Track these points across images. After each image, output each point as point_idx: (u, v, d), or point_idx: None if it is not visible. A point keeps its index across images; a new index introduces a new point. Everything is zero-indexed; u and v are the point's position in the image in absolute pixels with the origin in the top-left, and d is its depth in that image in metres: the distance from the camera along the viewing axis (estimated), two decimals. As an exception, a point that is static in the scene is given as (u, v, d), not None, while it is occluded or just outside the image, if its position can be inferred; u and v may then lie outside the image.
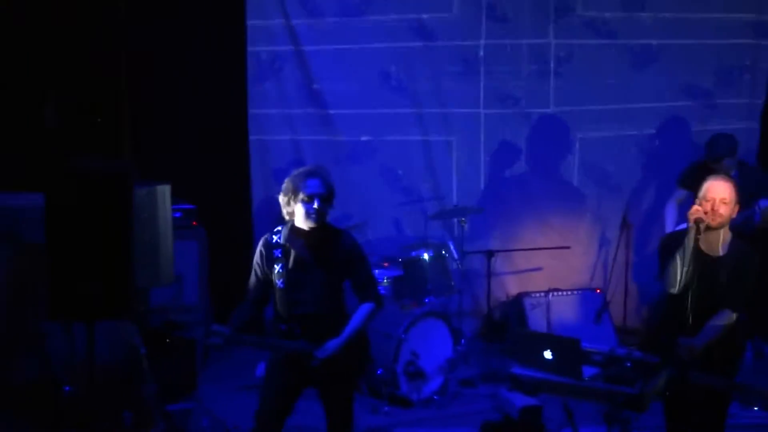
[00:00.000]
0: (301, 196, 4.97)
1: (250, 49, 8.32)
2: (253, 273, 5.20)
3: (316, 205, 4.95)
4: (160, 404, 6.22)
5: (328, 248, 5.08)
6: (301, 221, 5.02)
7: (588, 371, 4.91)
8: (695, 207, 4.99)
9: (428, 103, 8.50)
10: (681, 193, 7.50)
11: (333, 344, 4.97)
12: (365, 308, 5.12)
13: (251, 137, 8.41)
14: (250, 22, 8.29)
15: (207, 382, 7.37)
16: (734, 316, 5.01)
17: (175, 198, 6.40)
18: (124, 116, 7.81)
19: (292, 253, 5.08)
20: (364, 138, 8.49)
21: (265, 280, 5.14)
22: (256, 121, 8.44)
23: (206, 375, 7.55)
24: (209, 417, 6.60)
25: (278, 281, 5.08)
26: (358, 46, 8.38)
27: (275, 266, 5.09)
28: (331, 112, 8.45)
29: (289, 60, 8.39)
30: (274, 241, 5.14)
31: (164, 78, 8.05)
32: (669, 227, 7.43)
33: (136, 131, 7.93)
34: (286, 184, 5.05)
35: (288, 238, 5.10)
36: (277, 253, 5.09)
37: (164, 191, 5.97)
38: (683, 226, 5.35)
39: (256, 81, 8.38)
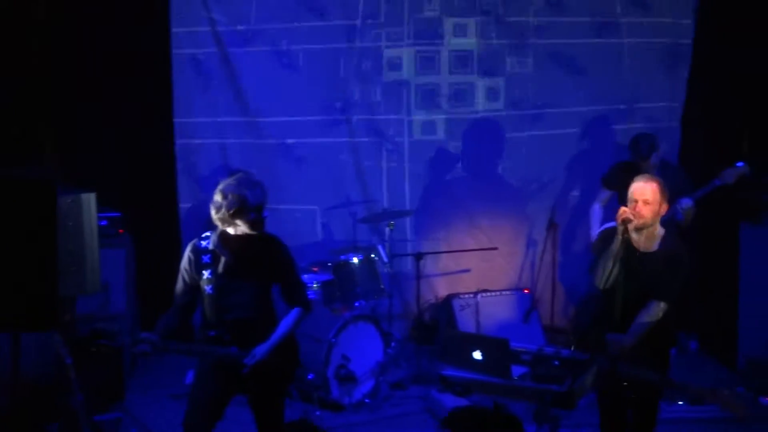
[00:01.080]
0: (248, 205, 4.93)
1: (175, 51, 8.23)
2: (180, 279, 5.15)
3: (260, 217, 4.94)
4: (88, 415, 6.12)
5: (257, 254, 5.06)
6: (245, 229, 4.98)
7: (517, 371, 4.98)
8: (623, 208, 5.08)
9: (356, 106, 8.50)
10: (605, 194, 7.62)
11: (261, 350, 4.95)
12: (294, 313, 5.11)
13: (177, 143, 8.31)
14: (174, 29, 8.19)
15: (135, 391, 7.30)
16: (663, 306, 5.09)
17: (101, 206, 6.32)
18: (48, 123, 7.66)
19: (222, 258, 5.05)
20: (290, 140, 8.45)
21: (193, 286, 5.10)
22: (182, 127, 8.35)
23: (134, 384, 7.47)
24: (138, 427, 6.53)
25: (207, 287, 5.04)
26: (285, 49, 8.34)
27: (204, 272, 5.05)
28: (258, 117, 8.39)
29: (215, 64, 8.31)
30: (202, 246, 5.10)
31: (88, 83, 7.91)
32: (594, 227, 7.54)
33: (60, 138, 7.79)
34: (230, 194, 4.98)
35: (217, 244, 5.07)
36: (206, 258, 5.06)
37: (89, 199, 5.88)
38: (611, 224, 5.44)
39: (181, 86, 8.28)
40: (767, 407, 6.85)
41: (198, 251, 5.09)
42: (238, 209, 4.91)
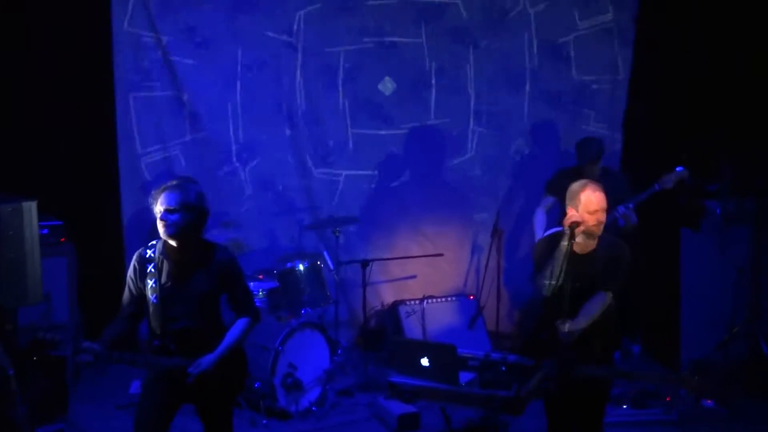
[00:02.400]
0: (158, 209, 4.91)
1: (117, 58, 8.12)
2: (126, 288, 5.09)
3: (168, 219, 4.87)
4: (31, 427, 6.02)
5: (201, 262, 5.02)
6: (161, 235, 4.95)
7: (465, 377, 4.99)
8: (571, 212, 5.12)
9: (300, 114, 8.48)
10: (549, 200, 7.70)
11: (207, 360, 4.91)
12: (241, 323, 5.07)
13: (120, 149, 8.20)
14: (115, 35, 8.09)
15: (79, 402, 7.18)
16: (609, 296, 5.16)
17: (42, 214, 6.24)
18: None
19: (165, 267, 5.00)
20: (234, 147, 8.40)
21: (139, 296, 5.04)
22: (124, 132, 8.23)
23: (78, 394, 7.36)
24: (82, 438, 6.46)
25: (151, 296, 4.99)
26: (227, 55, 8.30)
27: (148, 281, 5.00)
28: (201, 123, 8.32)
29: (159, 71, 8.22)
30: (147, 255, 5.05)
31: (27, 88, 7.79)
32: (538, 233, 7.61)
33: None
34: (153, 198, 4.98)
35: (161, 252, 5.02)
36: (150, 267, 5.01)
37: (30, 208, 5.83)
38: (554, 230, 5.50)
39: (124, 93, 8.19)
40: (710, 409, 6.95)
41: (143, 260, 5.04)
42: (154, 212, 4.90)
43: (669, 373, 5.33)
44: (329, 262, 7.90)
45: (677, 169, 7.10)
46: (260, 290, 7.52)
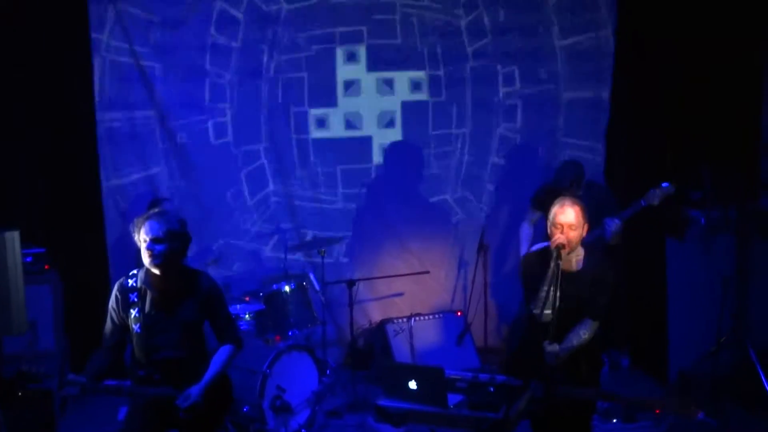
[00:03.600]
0: (142, 237, 4.89)
1: (96, 78, 8.11)
2: (108, 318, 5.07)
3: (155, 249, 4.87)
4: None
5: (184, 290, 5.01)
6: (147, 264, 4.92)
7: (453, 398, 4.97)
8: (557, 234, 5.14)
9: (278, 131, 8.49)
10: (534, 214, 7.69)
11: (195, 391, 4.89)
12: (225, 351, 5.06)
13: (102, 175, 8.17)
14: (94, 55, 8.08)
15: (67, 431, 7.14)
16: (596, 324, 5.19)
17: (25, 242, 6.21)
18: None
19: (149, 296, 4.99)
20: (216, 169, 8.38)
21: (122, 325, 5.03)
22: (106, 158, 8.20)
23: (66, 424, 7.31)
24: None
25: (135, 326, 4.97)
26: (207, 74, 8.31)
27: (131, 311, 4.98)
28: (184, 148, 8.32)
29: (139, 92, 8.21)
30: (129, 285, 5.03)
31: (2, 113, 7.76)
32: (524, 246, 7.61)
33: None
34: (134, 225, 4.96)
35: (144, 281, 5.01)
36: (133, 297, 4.99)
37: (13, 238, 5.79)
38: (540, 245, 5.51)
39: (104, 115, 8.16)
40: (700, 421, 6.93)
41: (125, 290, 5.03)
42: (137, 240, 4.87)
43: (652, 396, 5.34)
44: (315, 284, 7.88)
45: (663, 185, 7.09)
46: (247, 313, 7.49)
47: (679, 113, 8.17)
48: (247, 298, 7.77)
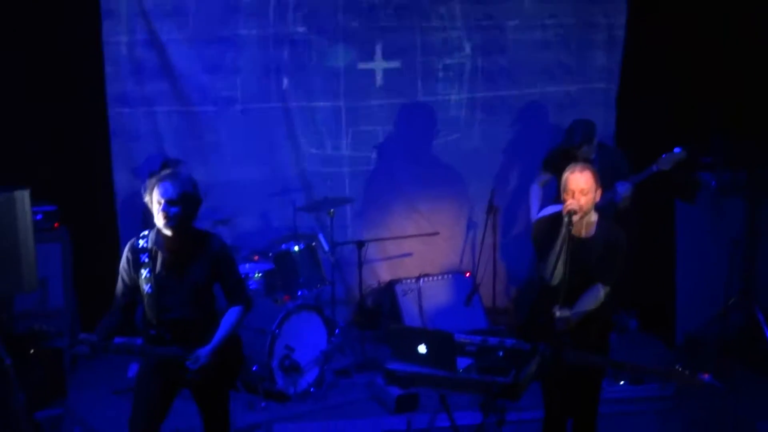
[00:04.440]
0: (155, 199, 4.89)
1: (106, 39, 8.03)
2: (119, 279, 5.08)
3: (170, 211, 4.86)
4: (29, 413, 6.04)
5: (195, 251, 5.01)
6: (160, 226, 4.93)
7: (462, 362, 4.99)
8: (569, 200, 5.12)
9: (293, 94, 8.42)
10: (544, 176, 7.66)
11: (204, 352, 4.91)
12: (234, 312, 5.07)
13: (112, 133, 8.15)
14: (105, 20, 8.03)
15: (77, 388, 7.21)
16: (606, 290, 5.19)
17: (36, 200, 6.22)
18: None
19: (159, 257, 4.99)
20: (225, 129, 8.35)
21: (133, 286, 5.04)
22: (115, 116, 8.17)
23: (76, 380, 7.39)
24: (80, 424, 6.46)
25: (146, 286, 4.98)
26: (220, 35, 8.23)
27: (142, 271, 4.99)
28: (193, 105, 8.26)
29: (148, 50, 8.15)
30: (140, 245, 5.03)
31: (16, 72, 7.73)
32: (534, 209, 7.59)
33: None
34: (146, 186, 4.95)
35: (155, 242, 5.01)
36: (144, 257, 4.99)
37: (23, 196, 5.82)
38: (552, 209, 5.49)
39: (114, 76, 8.11)
40: (707, 383, 6.95)
41: (136, 250, 5.02)
42: (150, 201, 4.89)
43: (658, 367, 5.34)
44: (324, 244, 7.89)
45: (675, 150, 7.05)
46: (256, 272, 7.50)
47: (691, 77, 8.12)
48: (256, 258, 7.78)
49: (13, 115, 7.74)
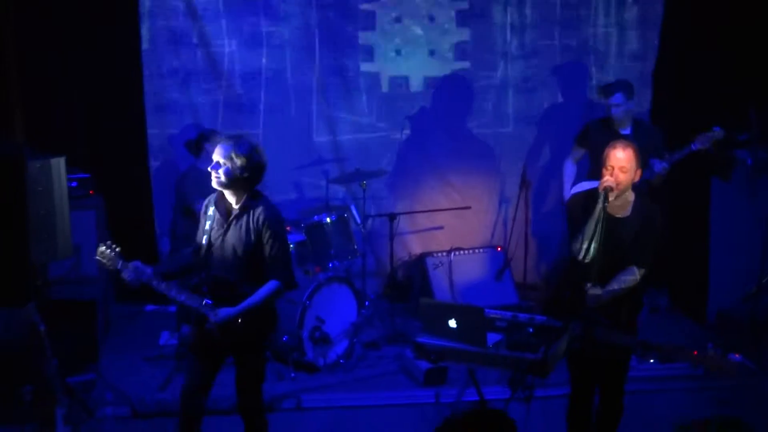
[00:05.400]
0: (214, 158, 5.05)
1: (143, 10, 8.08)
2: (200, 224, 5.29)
3: (216, 171, 5.01)
4: (62, 378, 6.12)
5: (242, 215, 5.08)
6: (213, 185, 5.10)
7: (492, 338, 5.00)
8: (606, 176, 5.08)
9: (325, 61, 8.41)
10: (578, 152, 7.62)
11: (225, 312, 5.01)
12: (270, 285, 5.09)
13: (147, 100, 8.18)
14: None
15: (109, 353, 7.28)
16: (641, 272, 5.15)
17: (70, 167, 6.27)
18: (14, 83, 7.52)
19: (216, 214, 5.11)
20: (261, 98, 8.35)
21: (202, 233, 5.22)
22: (151, 84, 8.21)
23: (108, 345, 7.46)
24: (112, 390, 6.53)
25: (203, 237, 5.16)
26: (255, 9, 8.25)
27: (206, 221, 5.19)
28: (228, 76, 8.28)
29: (185, 20, 8.17)
30: (211, 199, 5.25)
31: (53, 42, 7.76)
32: (567, 185, 7.57)
33: (27, 98, 7.65)
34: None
35: (214, 199, 5.22)
36: (210, 211, 5.18)
37: (59, 164, 5.87)
38: (585, 185, 5.46)
39: (150, 43, 8.14)
40: (737, 363, 6.93)
41: (209, 201, 5.25)
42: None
43: (688, 350, 5.32)
44: (356, 216, 7.89)
45: (714, 129, 6.99)
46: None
47: (727, 53, 8.02)
48: (288, 228, 7.78)
49: (51, 86, 7.80)
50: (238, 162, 4.98)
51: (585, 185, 7.03)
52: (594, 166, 7.21)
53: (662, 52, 8.50)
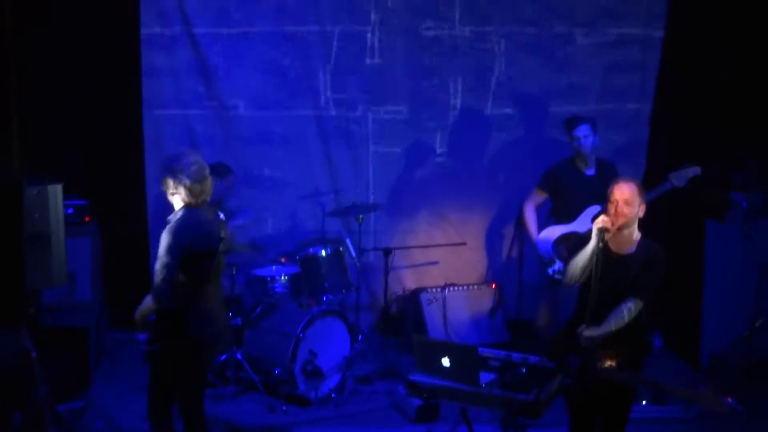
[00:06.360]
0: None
1: (144, 31, 8.10)
2: None
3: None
4: (52, 405, 6.09)
5: None
6: None
7: (485, 377, 4.99)
8: (602, 216, 5.11)
9: (326, 96, 8.42)
10: (540, 197, 7.64)
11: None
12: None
13: (145, 130, 8.20)
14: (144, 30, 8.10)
15: (101, 382, 7.26)
16: (639, 303, 5.12)
17: (67, 194, 6.28)
18: (14, 110, 7.54)
19: None
20: (259, 129, 8.37)
21: None
22: (149, 113, 8.22)
23: (100, 373, 7.44)
24: (103, 418, 6.50)
25: None
26: (254, 32, 8.26)
27: None
28: (227, 105, 8.30)
29: (184, 49, 8.20)
30: None
31: (52, 69, 7.79)
32: (532, 228, 7.58)
33: (24, 124, 7.66)
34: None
35: None
36: None
37: (56, 191, 5.89)
38: (556, 229, 5.51)
39: (149, 73, 8.17)
40: (729, 407, 6.91)
41: None
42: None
43: (686, 388, 5.31)
44: (351, 250, 7.89)
45: (687, 166, 7.05)
46: (282, 275, 7.51)
47: (723, 95, 8.07)
48: (283, 260, 7.80)
49: (49, 112, 7.81)
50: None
51: (556, 229, 7.09)
52: (559, 207, 7.28)
53: (659, 93, 8.54)
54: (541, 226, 7.52)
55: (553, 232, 7.31)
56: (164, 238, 5.21)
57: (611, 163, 7.79)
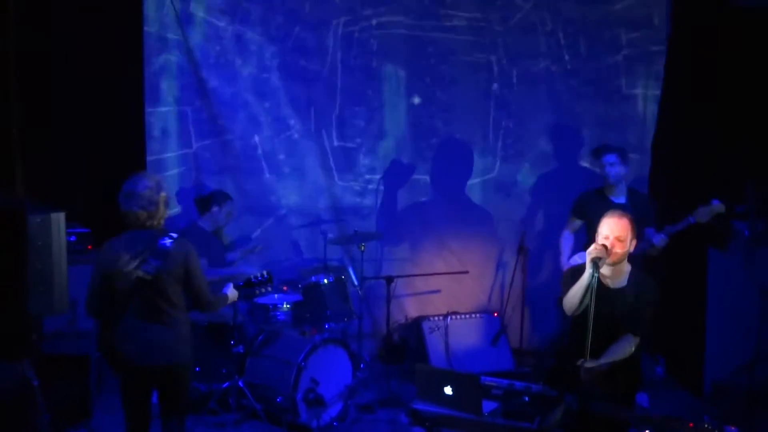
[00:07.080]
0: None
1: (148, 59, 8.15)
2: None
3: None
4: (53, 432, 6.09)
5: None
6: None
7: (488, 406, 4.98)
8: (594, 246, 5.09)
9: (329, 125, 8.48)
10: (575, 223, 7.64)
11: None
12: None
13: (148, 160, 8.21)
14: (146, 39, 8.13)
15: (102, 409, 7.22)
16: (636, 341, 5.13)
17: (70, 222, 6.29)
18: (17, 138, 7.56)
19: None
20: (262, 159, 8.39)
21: None
22: (152, 142, 8.25)
23: (102, 401, 7.40)
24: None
25: None
26: (254, 60, 8.31)
27: None
28: (230, 135, 8.33)
29: (190, 87, 8.25)
30: None
31: (54, 98, 7.82)
32: (565, 254, 7.58)
33: (26, 152, 7.68)
34: None
35: None
36: None
37: (59, 219, 5.88)
38: (582, 257, 5.46)
39: (152, 103, 8.21)
40: (732, 437, 6.89)
41: None
42: None
43: (684, 424, 5.27)
44: (354, 278, 7.89)
45: (713, 202, 7.05)
46: (284, 303, 7.51)
47: (725, 124, 8.09)
48: (285, 288, 7.79)
49: (52, 142, 7.83)
50: None
51: (583, 255, 7.07)
52: (589, 234, 7.26)
53: (661, 123, 8.56)
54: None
55: (581, 257, 7.32)
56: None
57: (646, 194, 7.81)
